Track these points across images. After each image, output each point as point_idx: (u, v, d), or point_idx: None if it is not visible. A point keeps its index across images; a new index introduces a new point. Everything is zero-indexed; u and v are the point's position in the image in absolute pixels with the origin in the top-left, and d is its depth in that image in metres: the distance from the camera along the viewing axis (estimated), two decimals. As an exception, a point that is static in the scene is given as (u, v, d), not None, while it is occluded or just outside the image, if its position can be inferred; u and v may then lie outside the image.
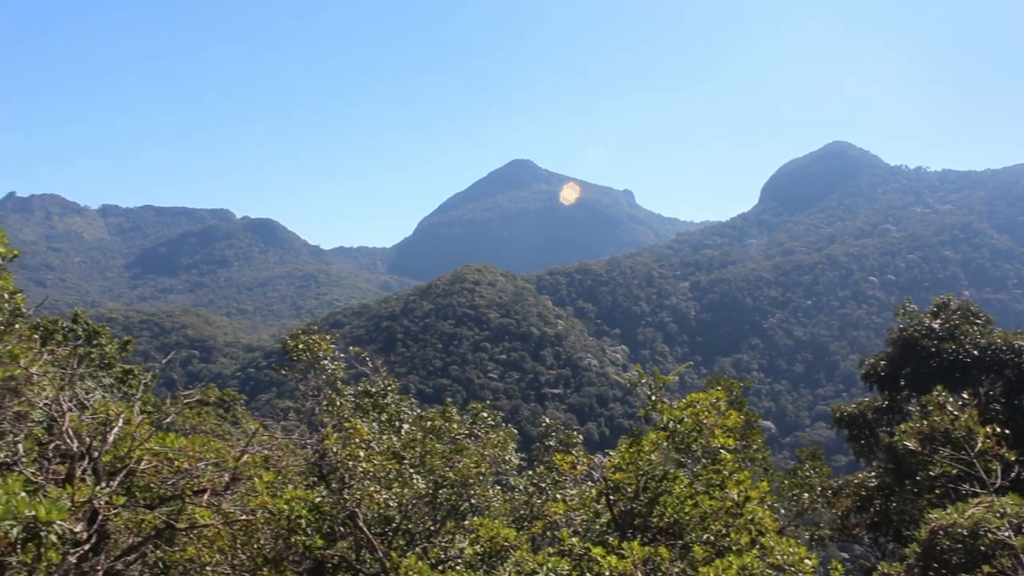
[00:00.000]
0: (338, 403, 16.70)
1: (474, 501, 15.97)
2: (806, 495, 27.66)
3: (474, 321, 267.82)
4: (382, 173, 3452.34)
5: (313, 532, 12.84)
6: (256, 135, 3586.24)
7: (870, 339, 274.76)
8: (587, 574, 10.53)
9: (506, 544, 11.26)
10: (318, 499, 13.12)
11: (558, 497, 16.57)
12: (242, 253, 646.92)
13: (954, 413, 17.63)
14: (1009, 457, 15.24)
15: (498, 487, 17.68)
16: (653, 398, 13.47)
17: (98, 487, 9.48)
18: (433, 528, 15.55)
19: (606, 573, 10.06)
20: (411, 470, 15.03)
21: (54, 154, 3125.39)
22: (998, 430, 15.84)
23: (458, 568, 11.92)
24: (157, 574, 11.97)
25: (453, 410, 19.13)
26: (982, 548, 12.05)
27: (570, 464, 16.61)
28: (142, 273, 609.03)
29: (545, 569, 10.34)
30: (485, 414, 20.10)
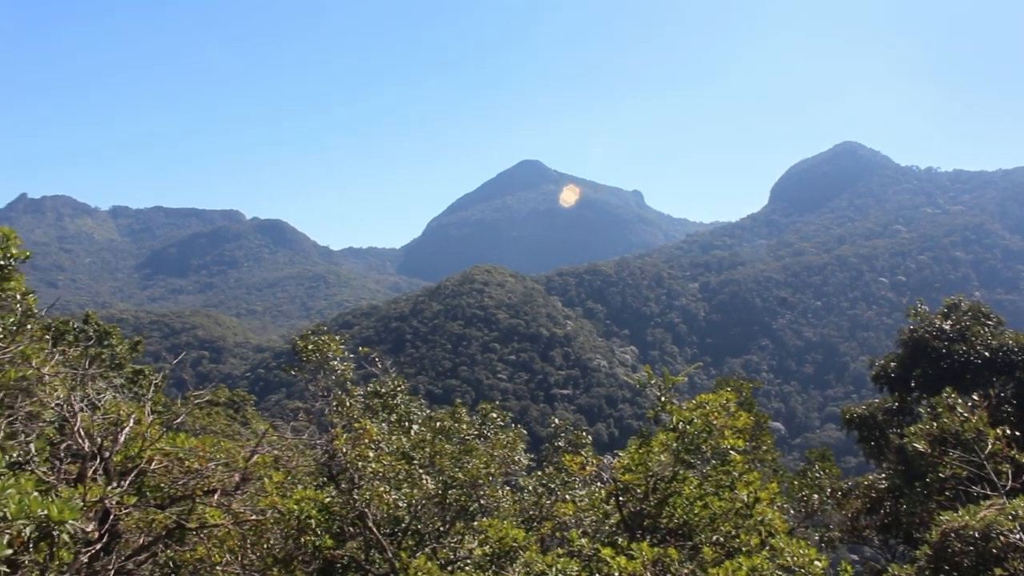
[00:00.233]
0: (348, 404, 16.71)
1: (483, 502, 15.97)
2: (816, 496, 27.60)
3: (483, 322, 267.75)
4: (391, 174, 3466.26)
5: (323, 532, 12.87)
6: (266, 136, 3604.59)
7: (880, 340, 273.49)
8: (596, 575, 10.53)
9: (515, 545, 11.26)
10: (328, 499, 13.16)
11: (567, 498, 16.58)
12: (252, 254, 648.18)
13: (964, 415, 17.53)
14: (1020, 459, 15.13)
15: (507, 488, 17.68)
16: (663, 399, 13.47)
17: (109, 487, 9.52)
18: (442, 528, 15.57)
19: (615, 574, 10.05)
20: (420, 471, 15.06)
21: (65, 156, 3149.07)
22: (1008, 432, 15.75)
23: (467, 569, 11.93)
24: (168, 574, 12.01)
25: (462, 411, 19.12)
26: (994, 551, 11.98)
27: (579, 465, 16.62)
28: (152, 274, 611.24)
29: (554, 570, 10.34)
30: (494, 415, 20.08)
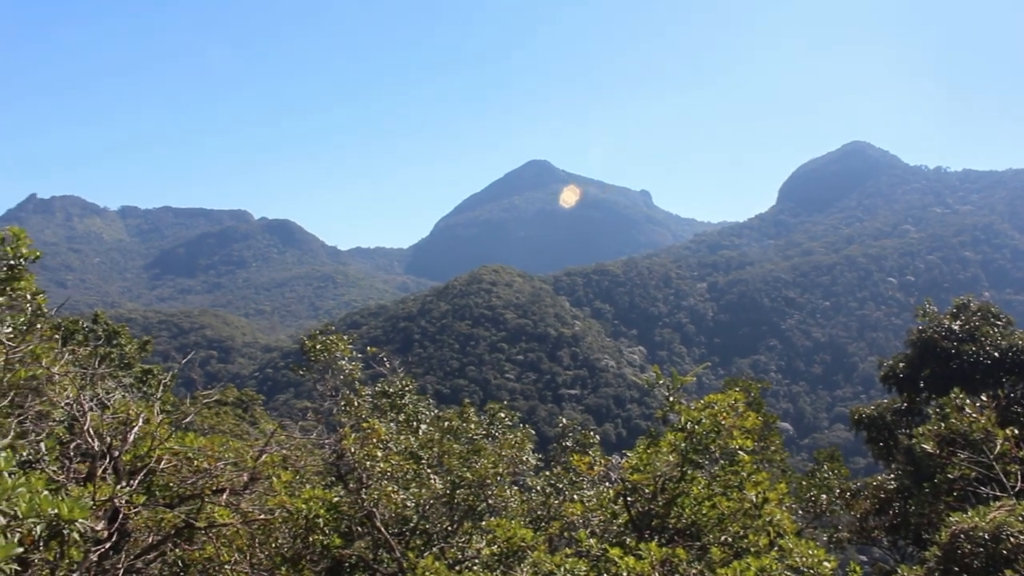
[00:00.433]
0: (356, 403, 16.72)
1: (491, 501, 15.97)
2: (824, 497, 27.54)
3: (491, 322, 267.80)
4: (399, 174, 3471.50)
5: (331, 532, 12.88)
6: (274, 136, 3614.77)
7: (889, 341, 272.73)
8: (604, 575, 10.53)
9: (523, 545, 11.27)
10: (336, 499, 13.17)
11: (575, 498, 16.57)
12: (260, 254, 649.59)
13: (972, 415, 17.46)
14: (1029, 460, 15.08)
15: (515, 487, 17.67)
16: (671, 399, 13.46)
17: (119, 486, 9.54)
18: (450, 528, 15.57)
19: (624, 574, 10.04)
20: (428, 470, 15.07)
21: (74, 156, 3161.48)
22: (1017, 432, 15.67)
23: (475, 568, 11.94)
24: (176, 572, 12.03)
25: (470, 410, 19.13)
26: (1004, 552, 11.93)
27: (587, 465, 16.61)
28: (161, 274, 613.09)
29: (563, 570, 10.34)
30: (502, 415, 20.09)
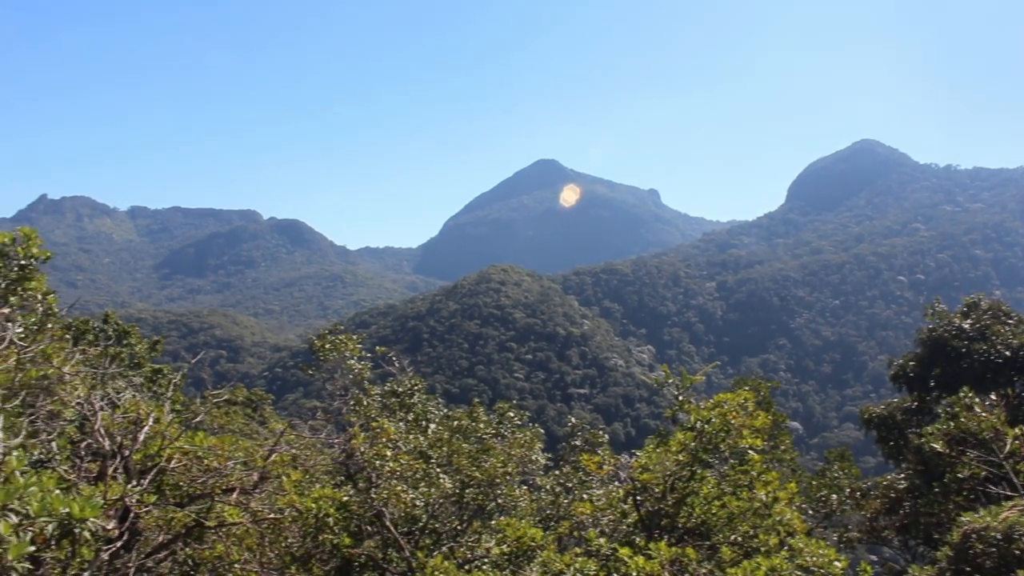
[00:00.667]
0: (365, 403, 16.75)
1: (501, 501, 15.99)
2: (834, 496, 27.47)
3: (500, 321, 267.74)
4: (408, 173, 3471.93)
5: (340, 531, 12.90)
6: (283, 136, 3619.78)
7: (899, 339, 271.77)
8: (614, 575, 10.51)
9: (533, 544, 11.26)
10: (345, 498, 13.19)
11: (585, 497, 16.55)
12: (269, 254, 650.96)
13: (982, 414, 17.37)
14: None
15: (525, 487, 17.69)
16: (680, 398, 13.44)
17: (129, 485, 9.57)
18: (460, 528, 15.59)
19: (633, 574, 10.03)
20: (438, 470, 15.08)
21: (84, 157, 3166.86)
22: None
23: (484, 568, 11.93)
24: (187, 571, 12.06)
25: (480, 410, 19.15)
26: (1017, 552, 11.88)
27: (596, 464, 16.59)
28: (170, 274, 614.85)
29: (572, 569, 10.33)
30: (512, 414, 20.11)
